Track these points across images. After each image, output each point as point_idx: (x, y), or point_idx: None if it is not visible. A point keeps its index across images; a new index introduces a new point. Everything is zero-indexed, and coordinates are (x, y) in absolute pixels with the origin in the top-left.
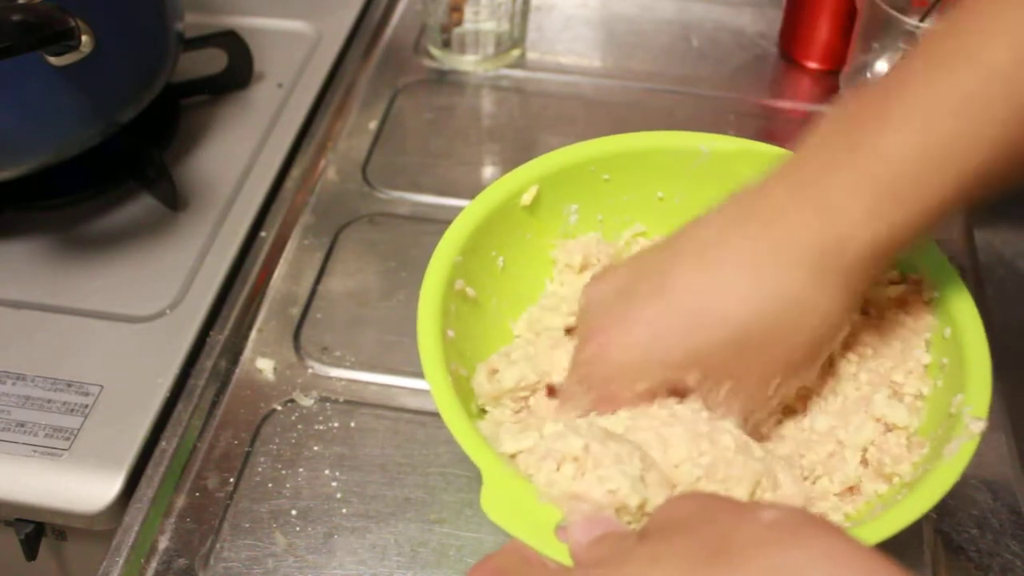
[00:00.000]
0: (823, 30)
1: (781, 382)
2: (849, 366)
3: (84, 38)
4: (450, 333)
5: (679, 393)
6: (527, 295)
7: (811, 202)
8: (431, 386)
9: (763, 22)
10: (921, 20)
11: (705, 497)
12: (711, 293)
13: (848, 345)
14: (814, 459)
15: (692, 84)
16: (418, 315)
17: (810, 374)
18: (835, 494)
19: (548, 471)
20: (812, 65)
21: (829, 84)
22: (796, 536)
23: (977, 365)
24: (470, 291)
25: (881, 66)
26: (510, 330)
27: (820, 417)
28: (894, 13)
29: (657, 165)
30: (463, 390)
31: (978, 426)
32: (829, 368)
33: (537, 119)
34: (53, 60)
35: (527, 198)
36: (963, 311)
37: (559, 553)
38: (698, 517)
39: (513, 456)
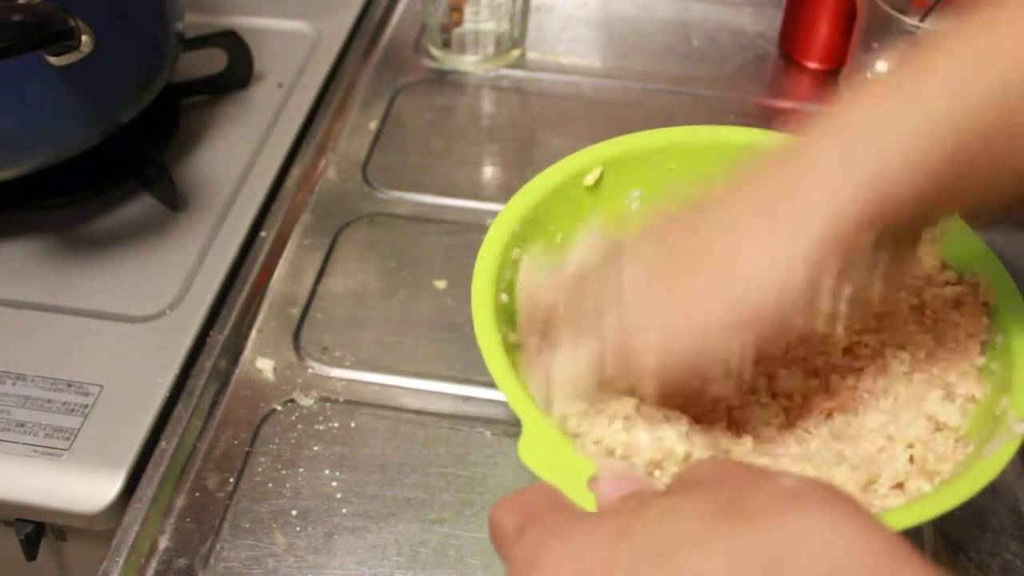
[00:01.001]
0: (823, 30)
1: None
2: (902, 366)
3: (84, 38)
4: (503, 296)
5: None
6: None
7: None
8: (479, 339)
9: (763, 22)
10: (921, 20)
11: (730, 462)
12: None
13: (902, 345)
14: (864, 454)
15: (692, 84)
16: (475, 271)
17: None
18: (883, 491)
19: (601, 427)
20: (812, 65)
21: (829, 84)
22: (812, 502)
23: None
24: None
25: (881, 66)
26: None
27: (871, 414)
28: (894, 13)
29: (722, 159)
30: (511, 354)
31: (1021, 427)
32: (882, 367)
33: (537, 119)
34: (53, 60)
35: (590, 179)
36: (1017, 318)
37: (589, 503)
38: (719, 477)
39: (564, 417)
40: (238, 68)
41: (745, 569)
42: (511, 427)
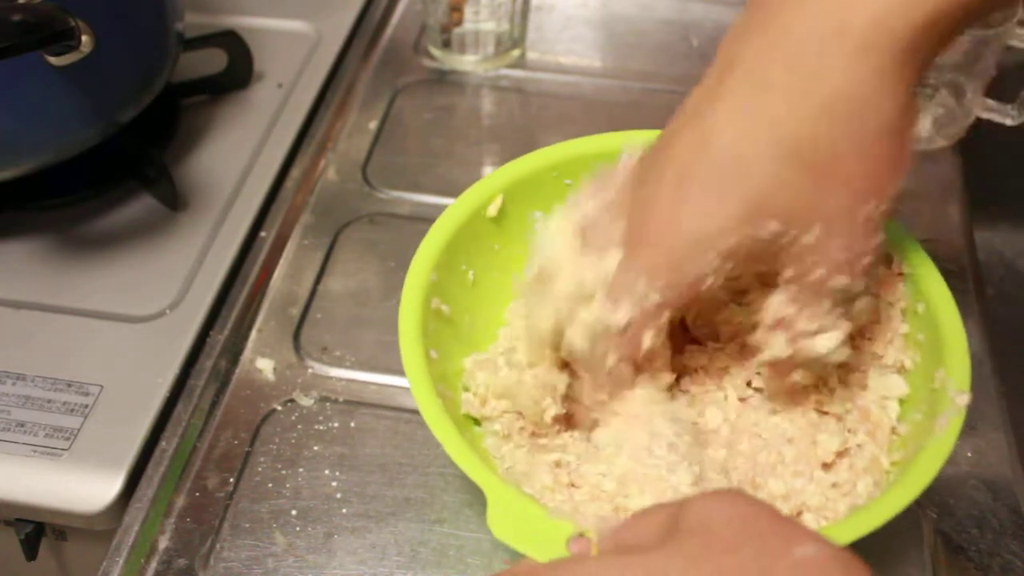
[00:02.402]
0: None
1: (876, 202)
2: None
3: (84, 38)
4: (433, 354)
5: (766, 277)
6: (498, 313)
7: None
8: (424, 414)
9: None
10: None
11: (749, 508)
12: (747, 122)
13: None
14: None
15: (692, 84)
16: (400, 336)
17: (899, 181)
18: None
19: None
20: None
21: None
22: None
23: (954, 339)
24: (445, 308)
25: None
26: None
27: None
28: None
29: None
30: (452, 410)
31: (963, 399)
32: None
33: (537, 119)
34: (53, 60)
35: (493, 209)
36: (934, 285)
37: None
38: (734, 534)
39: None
40: (238, 68)
41: None
42: None
